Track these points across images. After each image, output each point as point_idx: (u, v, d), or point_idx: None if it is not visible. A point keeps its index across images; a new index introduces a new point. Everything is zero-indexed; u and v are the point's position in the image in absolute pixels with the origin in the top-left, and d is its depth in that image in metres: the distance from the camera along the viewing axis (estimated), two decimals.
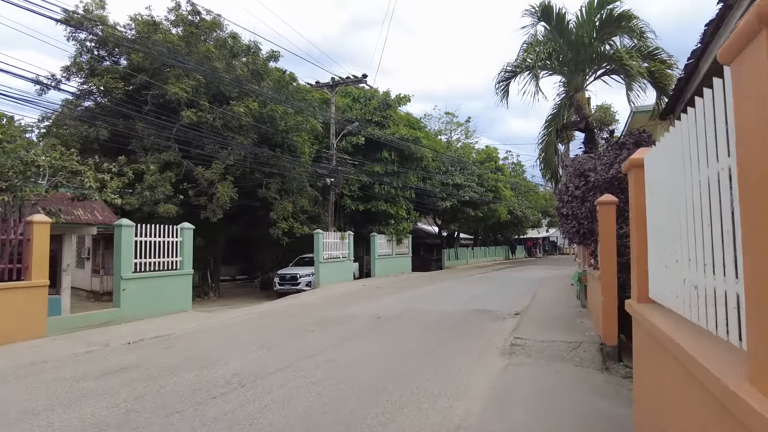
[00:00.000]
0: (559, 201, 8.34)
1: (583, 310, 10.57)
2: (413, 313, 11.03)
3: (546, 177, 10.78)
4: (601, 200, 6.81)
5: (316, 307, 12.52)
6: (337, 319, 10.36)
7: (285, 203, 17.23)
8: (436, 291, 16.22)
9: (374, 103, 23.50)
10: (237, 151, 15.87)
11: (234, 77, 16.34)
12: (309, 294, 15.93)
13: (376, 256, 22.64)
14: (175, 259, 11.50)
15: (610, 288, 6.60)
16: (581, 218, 7.81)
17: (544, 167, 10.49)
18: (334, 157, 19.19)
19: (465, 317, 10.41)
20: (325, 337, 8.32)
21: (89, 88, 16.17)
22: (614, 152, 8.23)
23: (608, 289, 6.60)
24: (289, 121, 16.43)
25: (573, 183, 8.08)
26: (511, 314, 10.75)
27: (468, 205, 28.94)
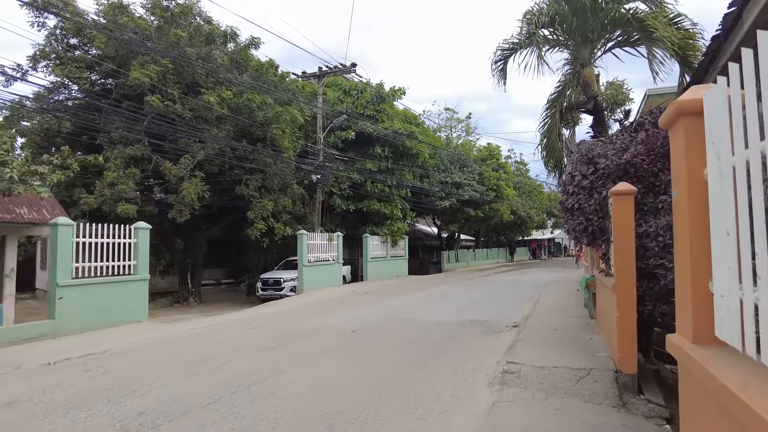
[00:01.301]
0: (563, 193, 6.94)
1: (592, 321, 9.13)
2: (397, 324, 9.64)
3: (548, 166, 9.35)
4: (615, 190, 5.40)
5: (290, 317, 11.16)
6: (306, 331, 8.99)
7: (264, 201, 15.89)
8: (429, 297, 14.82)
9: (367, 96, 22.12)
10: (210, 144, 14.54)
11: (208, 65, 15.05)
12: (289, 301, 14.57)
13: (369, 259, 21.25)
14: (127, 263, 10.17)
15: (627, 301, 5.18)
16: (589, 213, 6.40)
17: (546, 155, 9.06)
18: (320, 152, 17.83)
19: (455, 329, 9.01)
20: (282, 356, 6.95)
21: (56, 79, 14.93)
22: (629, 135, 6.82)
23: (625, 303, 5.18)
24: (269, 112, 15.08)
25: (579, 171, 6.67)
26: (509, 326, 9.33)
27: (468, 205, 27.51)
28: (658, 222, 5.54)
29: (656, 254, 5.40)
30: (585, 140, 7.54)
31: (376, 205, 21.37)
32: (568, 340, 7.40)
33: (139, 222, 10.80)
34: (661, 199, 5.76)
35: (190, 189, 13.49)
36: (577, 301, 12.71)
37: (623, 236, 5.26)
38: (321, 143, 17.98)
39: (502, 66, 9.29)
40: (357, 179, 20.46)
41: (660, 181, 6.02)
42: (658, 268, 5.36)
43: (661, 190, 5.99)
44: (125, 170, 13.72)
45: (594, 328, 8.50)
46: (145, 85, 13.17)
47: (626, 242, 5.24)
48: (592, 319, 9.38)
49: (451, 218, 29.11)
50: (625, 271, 5.20)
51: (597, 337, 7.59)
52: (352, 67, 18.03)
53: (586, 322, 9.14)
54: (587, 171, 6.58)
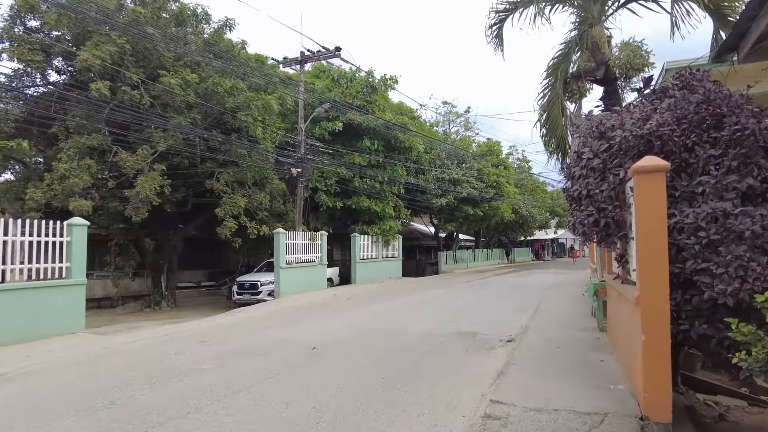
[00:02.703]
0: (567, 177, 5.44)
1: (601, 336, 7.62)
2: (372, 338, 8.17)
3: (549, 147, 7.80)
4: (640, 167, 3.92)
5: (251, 327, 9.69)
6: (259, 348, 7.52)
7: (237, 197, 14.43)
8: (419, 302, 13.33)
9: (356, 85, 20.65)
10: (171, 133, 13.09)
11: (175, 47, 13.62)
12: (261, 307, 13.11)
13: (358, 260, 19.75)
14: (57, 265, 8.72)
15: (658, 321, 3.69)
16: (601, 201, 4.90)
17: (546, 134, 7.53)
18: (302, 144, 16.36)
19: (439, 345, 7.52)
20: (210, 384, 5.48)
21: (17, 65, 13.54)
22: (650, 103, 5.33)
23: (656, 323, 3.69)
24: (239, 97, 13.62)
25: (588, 148, 5.17)
26: (503, 340, 7.84)
27: (466, 203, 25.97)
28: (698, 211, 4.04)
29: (696, 255, 3.91)
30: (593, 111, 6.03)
31: (366, 203, 19.88)
32: (573, 364, 5.89)
33: (74, 218, 9.35)
34: (700, 181, 4.26)
35: (145, 183, 12.04)
36: (583, 307, 11.19)
37: (652, 231, 3.77)
38: (302, 134, 16.50)
39: (498, 30, 7.81)
40: (345, 174, 18.98)
41: (696, 157, 4.53)
42: (700, 274, 3.87)
43: (698, 168, 4.49)
44: (79, 162, 12.30)
45: (605, 344, 6.99)
46: (95, 68, 11.74)
47: (656, 239, 3.75)
48: (602, 332, 7.87)
49: (448, 217, 27.60)
50: (655, 279, 3.71)
51: (609, 358, 6.08)
52: (336, 51, 16.55)
53: (595, 336, 7.62)
54: (598, 148, 5.08)
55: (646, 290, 3.75)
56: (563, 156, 7.44)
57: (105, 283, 18.25)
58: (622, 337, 5.27)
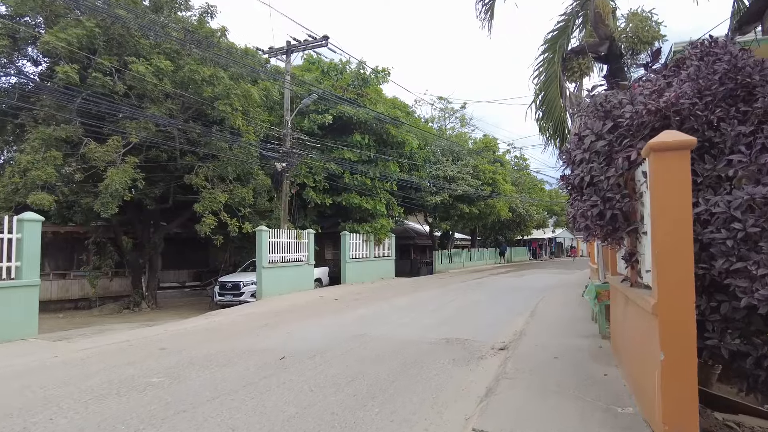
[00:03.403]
0: (567, 163, 4.67)
1: (604, 344, 6.86)
2: (351, 346, 7.40)
3: (545, 132, 6.98)
4: (658, 143, 3.15)
5: (221, 333, 8.91)
6: (222, 358, 6.73)
7: (216, 193, 13.64)
8: (409, 304, 12.56)
9: (347, 77, 19.89)
10: (145, 124, 12.29)
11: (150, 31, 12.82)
12: (239, 310, 12.32)
13: (348, 260, 18.97)
14: (6, 264, 7.92)
15: (681, 334, 2.93)
16: (607, 189, 4.14)
17: (543, 116, 6.73)
18: (287, 137, 15.56)
19: (423, 354, 6.76)
20: (150, 404, 4.70)
21: None
22: (663, 77, 4.57)
23: (678, 337, 2.93)
24: (218, 86, 12.82)
25: (591, 128, 4.41)
26: (495, 348, 7.09)
27: (461, 201, 25.20)
28: (730, 199, 3.28)
29: (728, 252, 3.15)
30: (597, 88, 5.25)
31: (357, 200, 19.10)
32: (573, 378, 5.13)
33: (26, 213, 8.52)
34: (730, 162, 3.50)
35: (115, 177, 11.23)
36: (583, 310, 10.44)
37: (673, 223, 3.01)
38: (288, 126, 15.70)
39: (491, 4, 7.03)
40: (335, 170, 18.19)
41: (722, 136, 3.76)
42: (734, 276, 3.10)
43: (725, 149, 3.73)
44: (44, 154, 11.49)
45: (608, 354, 6.23)
46: (61, 53, 10.93)
47: (679, 233, 2.99)
48: (605, 339, 7.11)
49: (443, 215, 26.82)
50: (677, 282, 2.95)
51: (614, 371, 5.32)
52: (323, 40, 15.74)
53: (596, 344, 6.86)
54: (603, 128, 4.32)
55: (667, 297, 2.98)
56: (562, 141, 6.66)
57: (82, 283, 17.47)
58: (631, 348, 4.51)
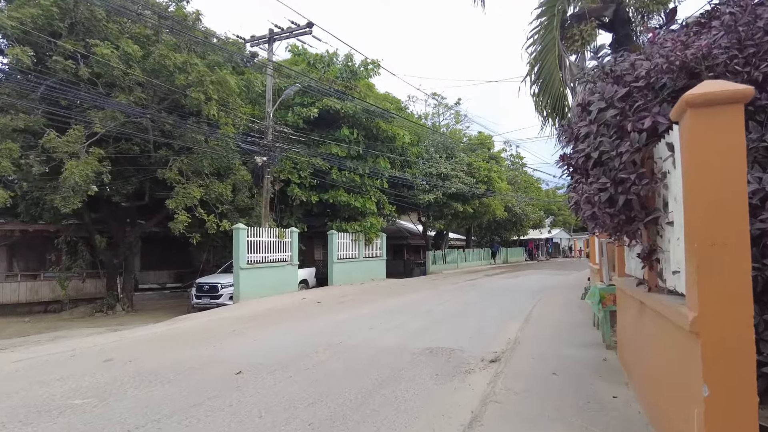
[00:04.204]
0: (569, 139, 3.80)
1: (610, 355, 6.00)
2: (322, 356, 6.52)
3: (542, 109, 6.07)
4: (698, 95, 2.26)
5: (184, 340, 8.01)
6: (171, 371, 5.84)
7: (191, 188, 12.74)
8: (396, 308, 11.69)
9: (335, 70, 19.01)
10: (112, 113, 11.38)
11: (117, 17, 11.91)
12: (211, 314, 11.43)
13: (335, 260, 18.08)
14: None
15: (734, 361, 2.05)
16: (618, 169, 3.27)
17: (539, 92, 5.84)
18: (269, 129, 14.66)
19: (404, 367, 5.89)
20: (63, 430, 3.82)
21: None
22: (685, 33, 3.71)
23: (730, 366, 2.06)
24: (192, 74, 11.92)
25: (600, 94, 3.55)
26: (485, 360, 6.22)
27: (455, 199, 24.35)
28: None
29: None
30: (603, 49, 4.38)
31: (345, 197, 18.21)
32: (576, 401, 4.27)
33: None
34: None
35: (75, 169, 10.31)
36: (583, 314, 9.61)
37: (721, 206, 2.15)
38: (269, 118, 14.80)
39: None
40: (321, 166, 17.29)
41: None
42: None
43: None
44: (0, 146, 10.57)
45: (615, 369, 5.38)
46: (10, 33, 10.01)
47: (730, 219, 2.13)
48: (610, 349, 6.26)
49: (437, 214, 25.97)
50: (728, 288, 2.09)
51: (624, 392, 4.46)
52: (308, 27, 14.84)
53: (601, 356, 6.00)
54: (615, 94, 3.45)
55: (713, 309, 2.12)
56: (560, 120, 5.78)
57: (53, 285, 16.50)
58: (648, 368, 3.65)
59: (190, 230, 13.42)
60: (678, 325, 2.47)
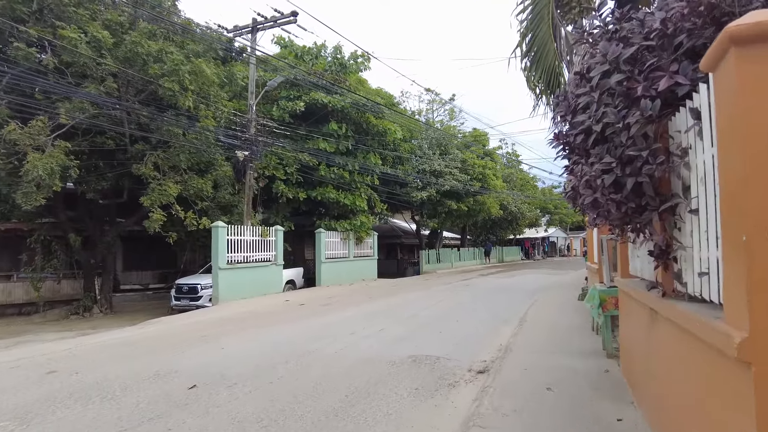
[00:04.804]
0: (566, 113, 3.15)
1: (611, 366, 5.36)
2: (292, 367, 5.87)
3: (535, 85, 5.41)
4: (749, 25, 1.59)
5: (143, 348, 7.33)
6: (117, 385, 5.17)
7: (167, 184, 12.04)
8: (382, 310, 11.04)
9: (323, 62, 18.33)
10: (80, 104, 10.69)
11: None
12: (187, 317, 10.76)
13: (323, 260, 17.41)
14: None
15: None
16: (626, 145, 2.62)
17: (531, 66, 5.19)
18: (251, 122, 13.97)
19: (379, 381, 5.23)
20: None
21: None
22: None
23: None
24: (167, 63, 11.23)
25: (602, 53, 2.90)
26: (472, 371, 5.57)
27: (449, 197, 23.72)
28: None
29: None
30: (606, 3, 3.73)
31: (333, 194, 17.53)
32: (574, 425, 3.62)
33: None
34: None
35: (38, 162, 9.60)
36: (581, 317, 8.99)
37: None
38: (252, 111, 14.11)
39: None
40: (308, 162, 16.60)
41: None
42: None
43: None
44: None
45: (618, 382, 4.74)
46: None
47: None
48: (611, 358, 5.62)
49: (431, 213, 25.34)
50: None
51: (630, 412, 3.82)
52: (292, 16, 14.16)
53: (602, 366, 5.36)
54: (619, 55, 2.80)
55: None
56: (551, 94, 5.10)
57: (28, 287, 15.75)
58: (663, 387, 3.01)
59: (170, 228, 12.75)
60: (714, 347, 1.82)
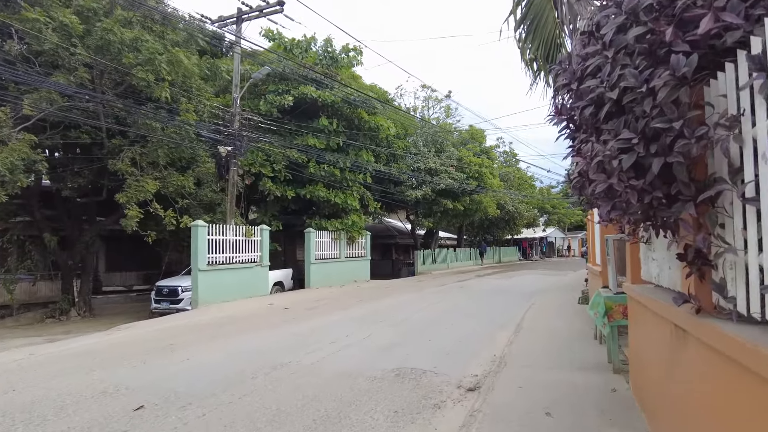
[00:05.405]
0: (570, 80, 2.51)
1: (619, 382, 4.73)
2: (259, 383, 5.22)
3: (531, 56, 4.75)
4: None
5: (104, 358, 6.67)
6: (49, 407, 4.51)
7: (145, 180, 11.38)
8: (369, 314, 10.39)
9: (313, 55, 17.68)
10: (48, 94, 10.01)
11: None
12: (161, 322, 10.09)
13: (313, 260, 16.75)
14: None
15: None
16: (651, 116, 1.98)
17: (526, 36, 4.54)
18: (236, 116, 13.30)
19: (354, 401, 4.59)
20: None
21: None
22: None
23: None
24: (142, 51, 10.56)
25: (616, 6, 2.25)
26: (461, 388, 4.94)
27: (445, 196, 23.07)
28: None
29: None
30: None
31: (323, 192, 16.88)
32: None
33: None
34: None
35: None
36: (581, 322, 8.37)
37: None
38: (236, 104, 13.44)
39: None
40: (297, 158, 15.94)
41: None
42: None
43: None
44: None
45: (627, 404, 4.10)
46: None
47: None
48: (617, 374, 4.98)
49: (426, 212, 24.68)
50: None
51: None
52: (278, 5, 13.50)
53: (608, 384, 4.72)
54: (637, 4, 2.15)
55: None
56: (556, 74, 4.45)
57: (1, 289, 15.05)
58: (697, 424, 2.36)
59: (149, 227, 12.08)
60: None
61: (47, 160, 11.34)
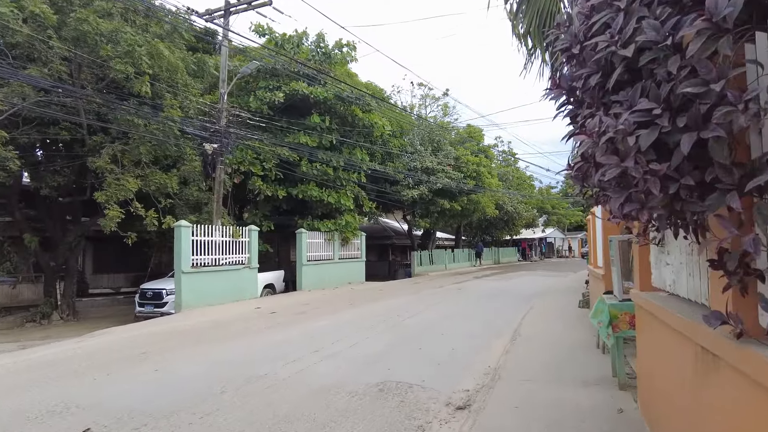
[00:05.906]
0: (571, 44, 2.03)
1: (626, 401, 4.22)
2: (231, 398, 4.74)
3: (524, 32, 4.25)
4: None
5: (69, 368, 6.17)
6: None
7: (125, 179, 10.88)
8: (358, 319, 9.89)
9: (305, 51, 17.19)
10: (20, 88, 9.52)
11: None
12: (138, 327, 9.58)
13: (305, 262, 16.25)
14: None
15: None
16: (679, 79, 1.48)
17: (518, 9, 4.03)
18: (223, 112, 12.80)
19: (328, 423, 4.10)
20: None
21: None
22: None
23: None
24: (121, 43, 10.07)
25: None
26: (450, 405, 4.45)
27: (442, 195, 22.57)
28: None
29: None
30: None
31: (316, 192, 16.38)
32: None
33: None
34: None
35: None
36: (583, 327, 7.88)
37: None
38: (224, 100, 12.94)
39: None
40: (288, 157, 15.45)
41: None
42: None
43: None
44: None
45: (636, 425, 3.60)
46: None
47: None
48: (624, 390, 4.48)
49: (423, 212, 24.18)
50: None
51: None
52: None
53: (614, 403, 4.22)
54: None
55: None
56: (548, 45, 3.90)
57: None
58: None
59: (132, 228, 11.59)
60: None
61: (23, 157, 10.84)
